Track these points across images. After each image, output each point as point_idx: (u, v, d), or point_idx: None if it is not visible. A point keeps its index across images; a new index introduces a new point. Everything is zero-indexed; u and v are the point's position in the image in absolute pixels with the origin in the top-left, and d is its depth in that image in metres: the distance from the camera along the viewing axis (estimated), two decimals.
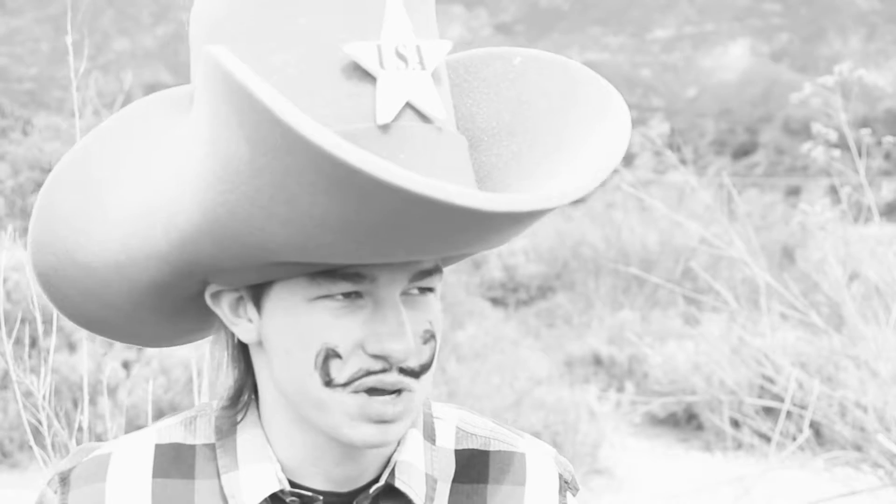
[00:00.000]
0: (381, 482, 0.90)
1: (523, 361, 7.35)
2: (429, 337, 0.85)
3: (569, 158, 0.86)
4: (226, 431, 0.92)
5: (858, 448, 4.21)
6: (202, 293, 0.89)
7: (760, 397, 5.63)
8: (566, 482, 1.00)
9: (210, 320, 0.93)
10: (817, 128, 4.16)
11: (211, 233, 0.77)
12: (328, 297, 0.81)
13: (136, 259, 0.85)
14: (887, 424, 3.96)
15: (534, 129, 0.91)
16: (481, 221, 0.71)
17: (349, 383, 0.82)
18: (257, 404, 0.92)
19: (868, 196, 4.15)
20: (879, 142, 4.29)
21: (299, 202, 0.71)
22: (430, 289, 0.86)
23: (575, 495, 1.00)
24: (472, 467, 0.97)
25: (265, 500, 0.89)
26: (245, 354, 0.91)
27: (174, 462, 0.93)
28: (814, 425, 5.09)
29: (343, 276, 0.80)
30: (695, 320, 8.42)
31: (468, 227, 0.73)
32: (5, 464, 6.12)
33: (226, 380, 0.92)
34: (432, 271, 0.85)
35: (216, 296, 0.88)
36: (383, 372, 0.82)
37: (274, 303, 0.83)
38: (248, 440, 0.91)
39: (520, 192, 0.86)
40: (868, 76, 4.09)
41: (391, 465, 0.91)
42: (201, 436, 0.94)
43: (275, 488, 0.89)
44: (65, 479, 0.93)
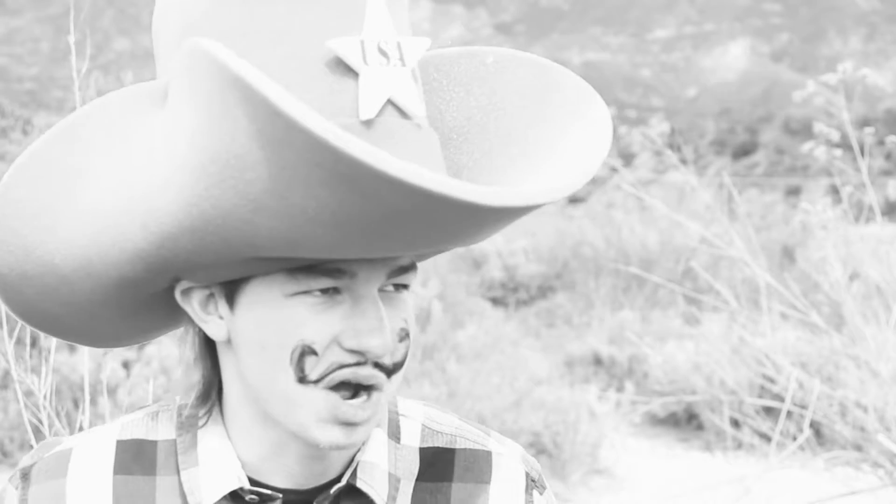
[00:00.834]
0: (343, 482, 0.90)
1: (523, 361, 7.35)
2: (404, 335, 0.85)
3: (544, 158, 0.85)
4: (188, 428, 0.92)
5: (858, 448, 4.21)
6: (169, 290, 0.87)
7: (761, 397, 5.63)
8: (533, 480, 0.99)
9: (168, 318, 0.92)
10: (819, 127, 4.16)
11: (193, 227, 0.76)
12: (306, 293, 0.80)
13: (108, 255, 0.82)
14: (887, 424, 3.96)
15: (506, 128, 0.90)
16: (474, 215, 0.71)
17: (322, 379, 0.81)
18: (220, 401, 0.92)
19: (869, 196, 4.15)
20: (881, 141, 4.29)
21: (293, 195, 0.70)
22: (406, 286, 0.85)
23: (542, 494, 0.99)
24: (437, 465, 0.96)
25: (225, 497, 0.89)
26: (212, 352, 0.90)
27: (136, 458, 0.92)
28: (814, 425, 5.09)
29: (323, 272, 0.80)
30: (695, 320, 8.42)
31: (460, 220, 0.72)
32: (6, 464, 6.12)
33: (192, 377, 0.91)
34: (408, 268, 0.84)
35: (186, 292, 0.86)
36: (358, 365, 0.81)
37: (249, 298, 0.82)
38: (210, 437, 0.91)
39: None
40: (870, 76, 4.09)
41: (354, 464, 0.91)
42: (163, 432, 0.93)
43: (234, 486, 0.89)
44: (26, 475, 0.92)
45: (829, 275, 4.13)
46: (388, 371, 0.83)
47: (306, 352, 0.81)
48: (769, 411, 5.62)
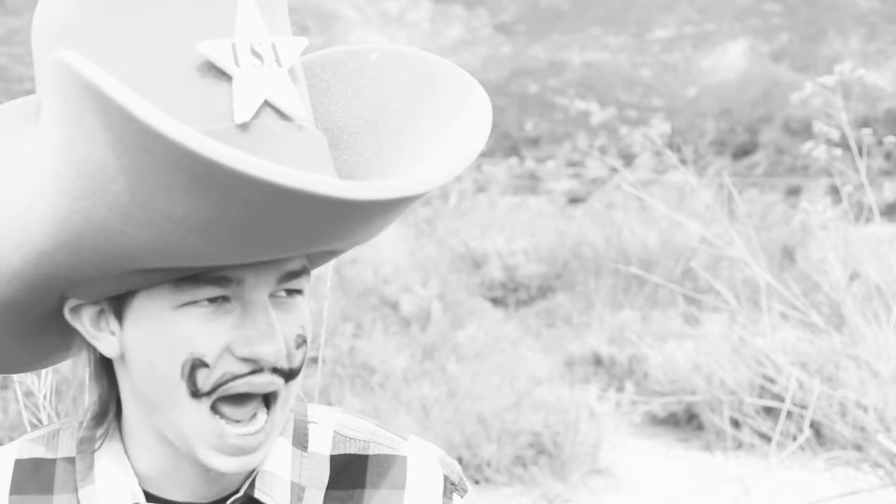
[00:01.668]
0: (241, 493, 0.89)
1: (523, 361, 7.35)
2: (301, 341, 0.83)
3: (430, 151, 0.85)
4: (86, 445, 0.91)
5: (858, 448, 4.20)
6: (60, 311, 0.85)
7: (761, 397, 5.62)
8: (453, 484, 0.97)
9: (67, 340, 0.90)
10: (819, 127, 4.16)
11: (67, 242, 0.74)
12: (194, 303, 0.79)
13: None
14: (887, 424, 3.96)
15: (394, 125, 0.90)
16: (344, 211, 0.70)
17: (214, 390, 0.79)
18: (118, 417, 0.90)
19: (869, 196, 4.15)
20: (880, 142, 4.28)
21: (158, 203, 0.69)
22: (299, 291, 0.84)
23: (463, 496, 0.98)
24: (349, 472, 0.95)
25: None
26: (108, 369, 0.88)
27: (33, 477, 0.91)
28: (814, 425, 5.09)
29: (208, 281, 0.78)
30: (695, 320, 8.42)
31: (331, 218, 0.71)
32: None
33: (89, 396, 0.90)
34: (300, 272, 0.83)
35: (76, 310, 0.84)
36: (253, 374, 0.80)
37: (137, 313, 0.80)
38: (107, 453, 0.89)
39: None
40: (868, 76, 4.09)
41: (252, 475, 0.90)
42: (63, 449, 0.92)
43: (129, 501, 0.88)
44: None
45: (829, 275, 4.13)
46: (285, 375, 0.82)
47: (197, 364, 0.79)
48: (769, 411, 5.62)
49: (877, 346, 4.00)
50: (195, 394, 0.79)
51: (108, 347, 0.84)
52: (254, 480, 0.90)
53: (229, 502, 0.89)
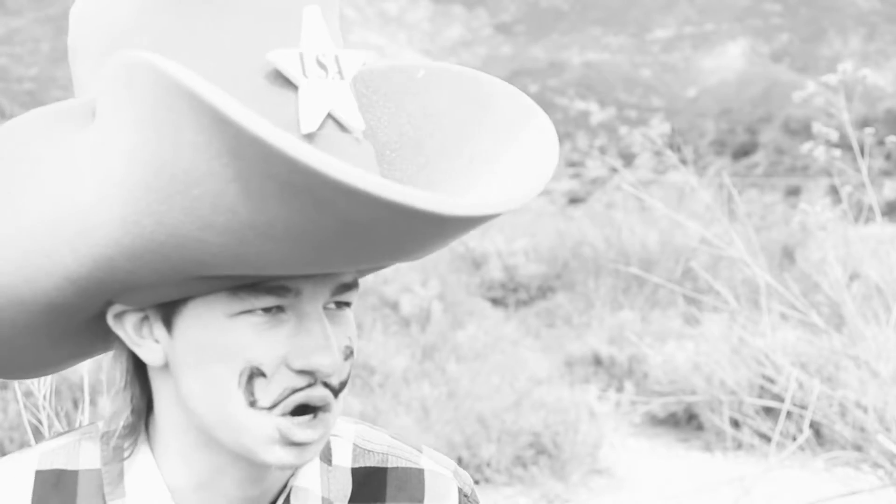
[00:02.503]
0: None
1: (523, 361, 7.35)
2: (349, 353, 0.83)
3: (486, 171, 0.83)
4: (113, 457, 0.88)
5: (858, 448, 4.20)
6: (101, 315, 0.84)
7: (760, 397, 5.63)
8: (465, 496, 0.99)
9: (95, 342, 0.88)
10: (818, 127, 4.15)
11: (132, 247, 0.72)
12: (249, 312, 0.78)
13: (34, 280, 0.78)
14: (887, 424, 3.96)
15: (442, 142, 0.88)
16: (437, 226, 0.69)
17: (275, 406, 0.79)
18: (147, 428, 0.89)
19: (870, 195, 4.15)
20: (881, 142, 4.28)
21: (242, 209, 0.67)
22: (348, 304, 0.83)
23: None
24: (370, 486, 0.95)
25: None
26: (142, 377, 0.87)
27: (55, 489, 0.88)
28: (814, 425, 5.09)
29: (267, 290, 0.77)
30: (695, 320, 8.42)
31: (422, 232, 0.70)
32: None
33: (122, 403, 0.88)
34: (351, 285, 0.82)
35: (119, 316, 0.83)
36: (310, 387, 0.79)
37: (189, 321, 0.79)
38: (138, 466, 0.87)
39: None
40: (870, 76, 4.09)
41: (287, 489, 0.90)
42: (86, 461, 0.89)
43: None
44: None
45: (829, 275, 4.13)
46: (335, 391, 0.82)
47: (255, 374, 0.78)
48: (769, 411, 5.62)
49: (877, 346, 4.00)
50: (253, 404, 0.78)
51: (150, 355, 0.83)
52: (288, 496, 0.90)
53: None
